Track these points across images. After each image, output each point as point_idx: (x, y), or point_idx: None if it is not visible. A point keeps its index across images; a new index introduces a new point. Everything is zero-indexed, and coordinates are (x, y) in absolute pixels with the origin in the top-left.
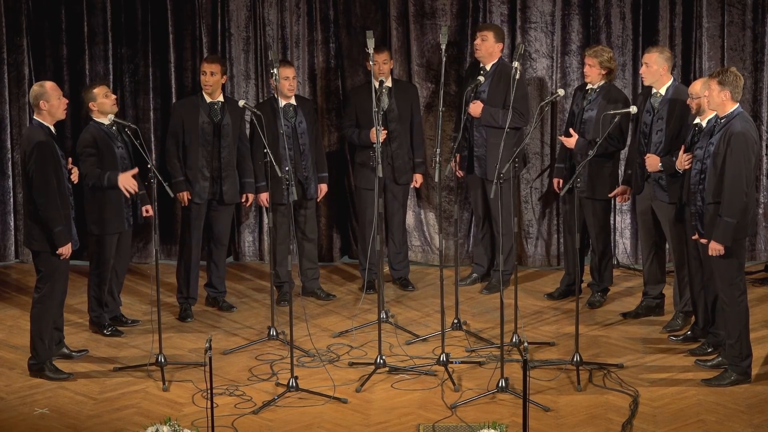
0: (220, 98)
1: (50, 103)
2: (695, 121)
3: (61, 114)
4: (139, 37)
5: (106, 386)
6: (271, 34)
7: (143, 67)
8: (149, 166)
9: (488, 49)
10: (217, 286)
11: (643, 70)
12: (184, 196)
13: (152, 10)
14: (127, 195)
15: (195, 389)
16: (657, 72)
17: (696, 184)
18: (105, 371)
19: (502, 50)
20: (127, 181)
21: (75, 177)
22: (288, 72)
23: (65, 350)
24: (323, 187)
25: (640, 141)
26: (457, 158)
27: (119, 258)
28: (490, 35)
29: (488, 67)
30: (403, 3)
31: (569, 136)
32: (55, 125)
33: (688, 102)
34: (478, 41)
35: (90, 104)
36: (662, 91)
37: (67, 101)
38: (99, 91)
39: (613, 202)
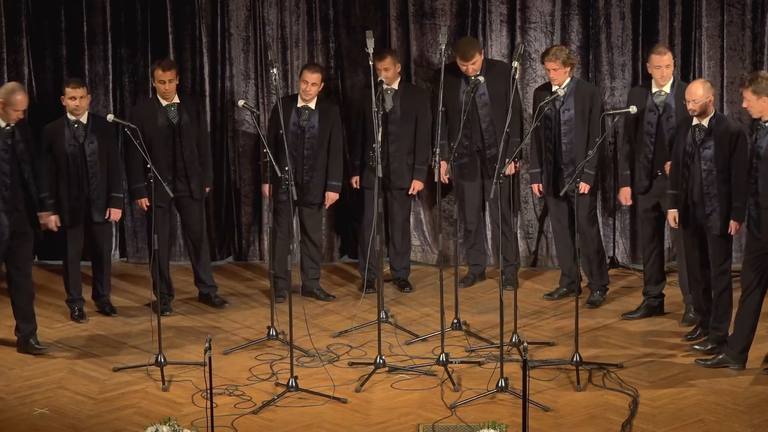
0: (176, 99)
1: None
2: (694, 123)
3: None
4: (139, 37)
5: (106, 386)
6: (271, 34)
7: (143, 67)
8: (148, 166)
9: (479, 65)
10: (205, 281)
11: (667, 72)
12: (143, 202)
13: (152, 10)
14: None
15: (195, 389)
16: (672, 71)
17: (709, 185)
18: (105, 371)
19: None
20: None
21: None
22: (307, 77)
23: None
24: (330, 195)
25: (645, 141)
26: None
27: (94, 251)
28: (477, 58)
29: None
30: (403, 3)
31: (547, 140)
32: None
33: (690, 106)
34: (470, 68)
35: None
36: (666, 89)
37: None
38: (69, 91)
39: (615, 200)
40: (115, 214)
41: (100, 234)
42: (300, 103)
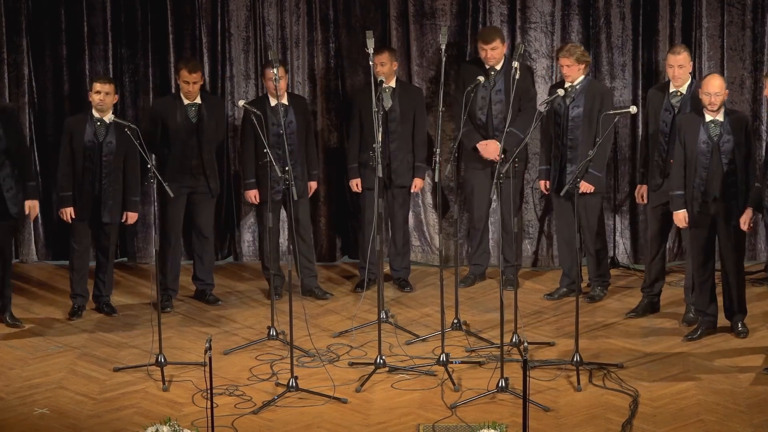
0: (198, 99)
1: None
2: (708, 119)
3: None
4: (139, 37)
5: (106, 386)
6: (271, 34)
7: (143, 67)
8: (149, 165)
9: (500, 54)
10: (203, 278)
11: (677, 72)
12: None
13: (152, 10)
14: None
15: (195, 389)
16: (687, 71)
17: (730, 177)
18: (105, 371)
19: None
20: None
21: None
22: (271, 74)
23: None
24: (312, 185)
25: (660, 140)
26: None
27: (100, 250)
28: (498, 44)
29: (498, 67)
30: (403, 3)
31: (557, 137)
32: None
33: (712, 100)
34: (489, 54)
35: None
36: (683, 90)
37: None
38: (94, 85)
39: (615, 200)
40: (132, 217)
41: (106, 235)
42: (273, 102)
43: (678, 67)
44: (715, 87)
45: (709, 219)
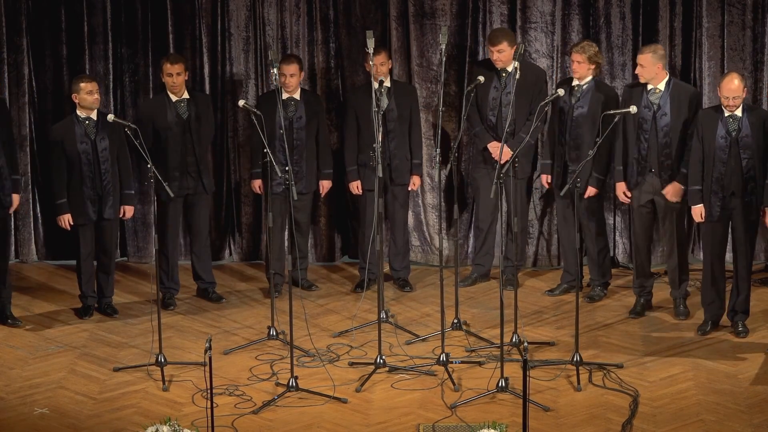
0: (186, 95)
1: None
2: (727, 114)
3: None
4: (139, 37)
5: (106, 386)
6: (271, 34)
7: (143, 67)
8: (149, 165)
9: (508, 57)
10: (203, 277)
11: (638, 70)
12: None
13: (152, 10)
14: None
15: (195, 389)
16: (652, 71)
17: (749, 172)
18: (105, 371)
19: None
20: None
21: None
22: (285, 69)
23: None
24: (324, 184)
25: (639, 137)
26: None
27: (101, 249)
28: (505, 46)
29: (509, 69)
30: (403, 3)
31: (560, 134)
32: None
33: (730, 102)
34: (495, 56)
35: (73, 96)
36: (661, 87)
37: None
38: (85, 86)
39: (615, 200)
40: (129, 211)
41: (109, 231)
42: (285, 96)
43: (639, 66)
44: (732, 90)
45: (727, 214)
